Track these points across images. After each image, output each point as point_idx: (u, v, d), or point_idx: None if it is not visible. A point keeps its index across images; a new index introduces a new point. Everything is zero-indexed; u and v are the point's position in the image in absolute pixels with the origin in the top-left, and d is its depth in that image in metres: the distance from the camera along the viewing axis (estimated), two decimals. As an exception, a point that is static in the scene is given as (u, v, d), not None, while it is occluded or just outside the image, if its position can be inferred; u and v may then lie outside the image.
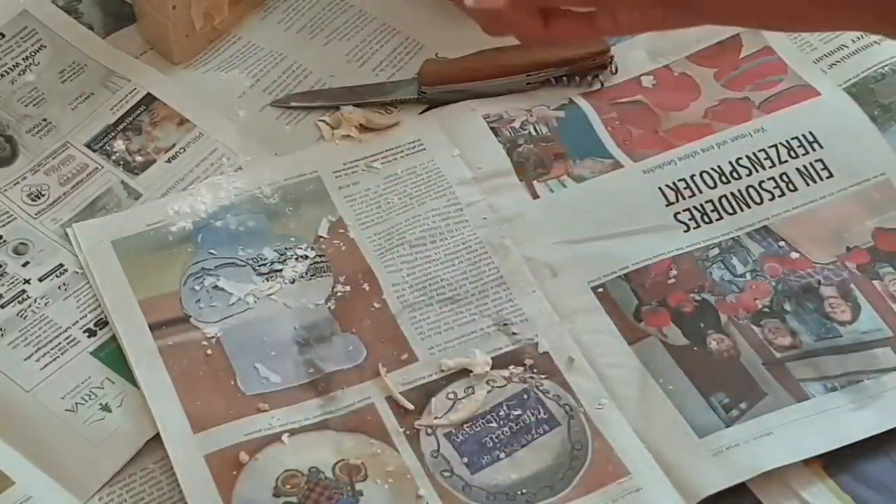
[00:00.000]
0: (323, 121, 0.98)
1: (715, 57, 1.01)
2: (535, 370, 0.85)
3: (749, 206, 0.92)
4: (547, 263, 0.90)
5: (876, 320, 0.87)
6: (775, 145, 0.95)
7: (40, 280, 0.89)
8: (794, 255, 0.90)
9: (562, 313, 0.87)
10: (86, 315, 0.87)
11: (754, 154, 0.95)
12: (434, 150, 0.96)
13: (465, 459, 0.81)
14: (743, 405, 0.83)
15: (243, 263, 0.89)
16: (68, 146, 0.95)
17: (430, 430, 0.82)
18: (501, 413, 0.83)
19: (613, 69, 1.00)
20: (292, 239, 0.91)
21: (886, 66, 0.99)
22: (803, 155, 0.95)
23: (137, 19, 1.02)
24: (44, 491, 0.79)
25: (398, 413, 0.83)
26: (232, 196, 0.93)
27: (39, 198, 0.93)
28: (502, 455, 0.81)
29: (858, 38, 1.01)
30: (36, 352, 0.85)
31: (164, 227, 0.91)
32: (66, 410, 0.83)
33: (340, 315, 0.87)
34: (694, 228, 0.92)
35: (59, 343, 0.86)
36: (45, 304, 0.87)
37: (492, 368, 0.85)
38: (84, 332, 0.86)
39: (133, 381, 0.84)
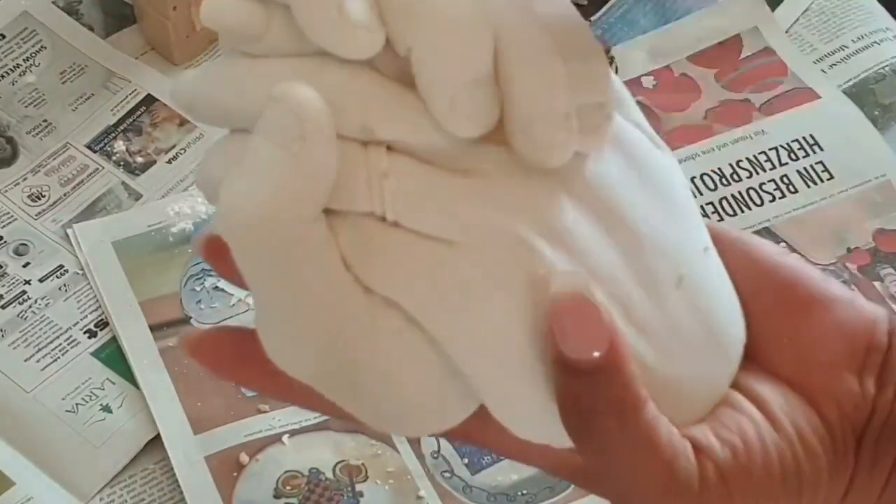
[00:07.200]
0: (323, 122, 0.97)
1: (715, 57, 1.01)
2: (535, 371, 0.85)
3: (750, 208, 0.92)
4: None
5: (876, 322, 0.87)
6: (776, 148, 0.95)
7: (41, 281, 0.88)
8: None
9: (563, 314, 0.87)
10: (86, 316, 0.87)
11: (755, 156, 0.95)
12: (434, 151, 0.96)
13: (466, 460, 0.81)
14: (743, 406, 0.83)
15: (244, 264, 0.89)
16: (69, 147, 0.95)
17: (430, 432, 0.82)
18: (502, 414, 0.83)
19: (614, 70, 1.00)
20: (293, 240, 0.91)
21: (886, 66, 0.99)
22: (804, 157, 0.95)
23: (138, 20, 1.02)
24: (44, 492, 0.79)
25: (399, 414, 0.83)
26: (232, 197, 0.92)
27: (40, 199, 0.93)
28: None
29: (859, 39, 1.01)
30: (36, 352, 0.85)
31: (165, 227, 0.91)
32: (67, 411, 0.83)
33: (341, 316, 0.87)
34: (694, 230, 0.92)
35: (60, 344, 0.86)
36: (46, 305, 0.87)
37: (492, 369, 0.84)
38: (84, 332, 0.86)
39: (134, 382, 0.84)
